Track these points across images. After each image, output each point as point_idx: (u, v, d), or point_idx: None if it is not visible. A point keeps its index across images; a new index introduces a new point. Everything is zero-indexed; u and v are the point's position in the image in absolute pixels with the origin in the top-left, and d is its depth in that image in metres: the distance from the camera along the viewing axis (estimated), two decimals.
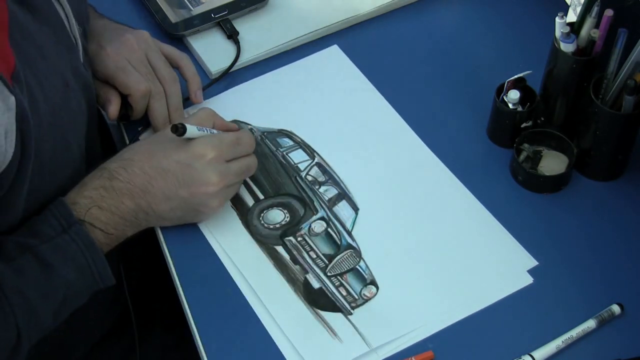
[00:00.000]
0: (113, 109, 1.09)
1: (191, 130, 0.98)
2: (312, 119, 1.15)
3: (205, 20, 1.24)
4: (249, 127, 1.14)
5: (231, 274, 1.00)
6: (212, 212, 1.02)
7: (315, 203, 1.06)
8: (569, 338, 0.93)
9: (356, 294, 0.98)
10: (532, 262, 1.00)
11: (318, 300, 0.98)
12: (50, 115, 0.90)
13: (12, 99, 0.82)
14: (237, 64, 1.20)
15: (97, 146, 1.08)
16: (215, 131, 1.03)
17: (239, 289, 0.99)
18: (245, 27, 1.24)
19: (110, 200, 0.95)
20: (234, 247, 1.02)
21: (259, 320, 0.96)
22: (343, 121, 1.15)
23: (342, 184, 1.08)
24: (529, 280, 0.99)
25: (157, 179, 0.97)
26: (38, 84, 0.89)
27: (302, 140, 1.12)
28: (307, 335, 0.95)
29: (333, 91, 1.18)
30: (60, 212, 0.93)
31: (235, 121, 1.14)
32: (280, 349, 0.94)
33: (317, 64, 1.21)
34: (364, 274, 1.00)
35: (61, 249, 0.91)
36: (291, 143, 1.12)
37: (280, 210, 1.05)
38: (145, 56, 1.10)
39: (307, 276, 1.00)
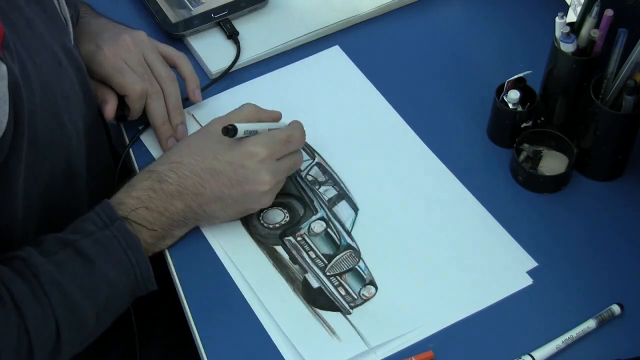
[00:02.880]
0: (110, 109, 1.09)
1: (241, 129, 0.98)
2: (312, 119, 1.14)
3: (205, 20, 1.24)
4: None
5: (231, 273, 1.00)
6: (261, 207, 1.02)
7: (315, 203, 1.06)
8: (569, 338, 0.93)
9: (355, 294, 0.98)
10: (532, 264, 1.00)
11: (317, 300, 0.98)
12: (41, 90, 0.89)
13: (4, 67, 0.81)
14: (237, 64, 1.20)
15: (101, 136, 1.08)
16: (264, 125, 1.03)
17: (238, 289, 0.99)
18: (245, 27, 1.24)
19: (159, 201, 0.95)
20: (233, 247, 1.02)
21: (258, 319, 0.96)
22: (343, 121, 1.15)
23: (342, 184, 1.08)
24: (528, 281, 0.98)
25: (209, 180, 0.97)
26: (29, 55, 0.87)
27: None
28: (306, 333, 0.95)
29: (334, 91, 1.18)
30: (104, 209, 0.93)
31: None
32: (279, 348, 0.94)
33: (318, 64, 1.21)
34: (363, 274, 1.00)
35: (102, 244, 0.91)
36: None
37: (280, 210, 1.05)
38: (143, 56, 1.10)
39: (307, 276, 1.00)
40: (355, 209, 1.06)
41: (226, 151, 0.98)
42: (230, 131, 0.97)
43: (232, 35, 1.23)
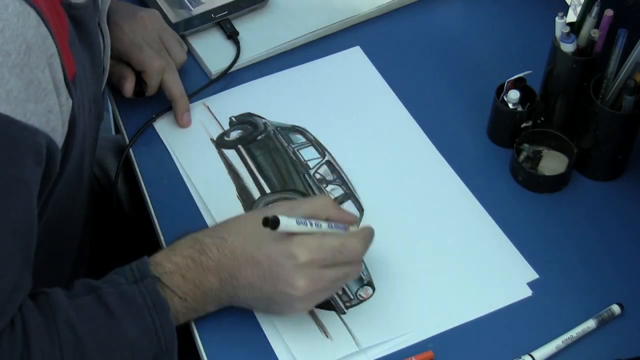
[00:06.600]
0: (129, 85, 1.11)
1: (287, 223, 0.88)
2: (326, 118, 1.14)
3: (205, 21, 1.24)
4: (263, 121, 1.14)
5: None
6: (296, 313, 0.95)
7: None
8: (569, 338, 0.93)
9: (352, 294, 0.98)
10: (533, 275, 0.99)
11: None
12: (83, 132, 0.90)
13: (70, 102, 0.83)
14: (237, 64, 1.20)
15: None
16: (324, 225, 0.92)
17: None
18: (245, 27, 1.24)
19: (196, 273, 0.90)
20: None
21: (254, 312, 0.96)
22: (356, 121, 1.14)
23: (349, 184, 1.08)
24: (527, 292, 0.98)
25: (246, 267, 0.90)
26: (81, 97, 0.89)
27: (314, 138, 1.12)
28: (298, 330, 0.94)
29: (350, 91, 1.18)
30: (139, 264, 0.89)
31: (248, 114, 1.15)
32: (270, 342, 0.94)
33: (337, 63, 1.21)
34: (362, 275, 0.99)
35: (126, 299, 0.86)
36: (303, 140, 1.12)
37: None
38: (157, 34, 1.13)
39: None
40: (360, 209, 1.06)
41: (269, 242, 0.90)
42: (270, 222, 0.87)
43: (232, 35, 1.23)
